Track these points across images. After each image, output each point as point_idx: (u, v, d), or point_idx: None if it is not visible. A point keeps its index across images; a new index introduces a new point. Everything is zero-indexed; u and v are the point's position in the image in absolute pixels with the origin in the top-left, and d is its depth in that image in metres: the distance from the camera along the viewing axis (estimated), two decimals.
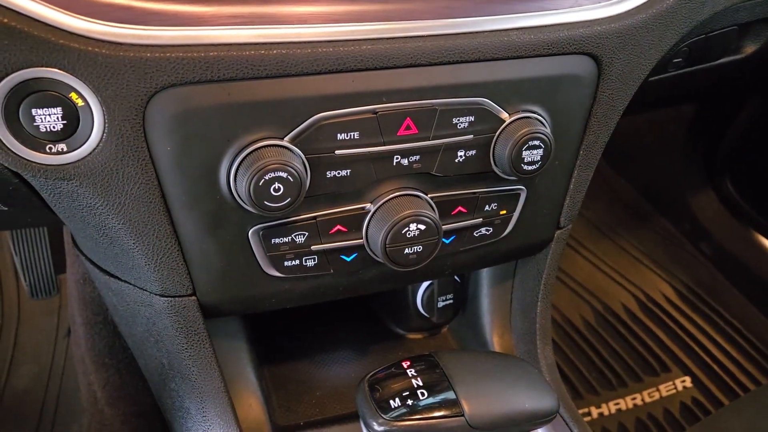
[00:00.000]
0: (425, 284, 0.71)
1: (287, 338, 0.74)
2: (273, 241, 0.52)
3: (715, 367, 1.31)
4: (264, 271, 0.53)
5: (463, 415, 0.45)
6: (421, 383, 0.46)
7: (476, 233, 0.59)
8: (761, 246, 1.43)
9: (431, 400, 0.45)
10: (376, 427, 0.45)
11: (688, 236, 1.55)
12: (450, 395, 0.46)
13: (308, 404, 0.66)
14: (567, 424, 0.64)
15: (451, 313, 0.73)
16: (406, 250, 0.53)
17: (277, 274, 0.54)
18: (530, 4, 0.53)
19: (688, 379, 1.29)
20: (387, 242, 0.52)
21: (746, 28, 0.77)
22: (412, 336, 0.76)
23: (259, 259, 0.52)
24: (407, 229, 0.52)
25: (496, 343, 0.71)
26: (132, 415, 0.72)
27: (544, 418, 0.48)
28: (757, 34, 0.78)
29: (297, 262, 0.54)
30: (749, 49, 0.79)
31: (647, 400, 1.25)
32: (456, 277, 0.72)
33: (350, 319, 0.77)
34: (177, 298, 0.53)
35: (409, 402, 0.45)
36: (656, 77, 0.75)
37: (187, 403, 0.59)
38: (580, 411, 1.23)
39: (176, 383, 0.60)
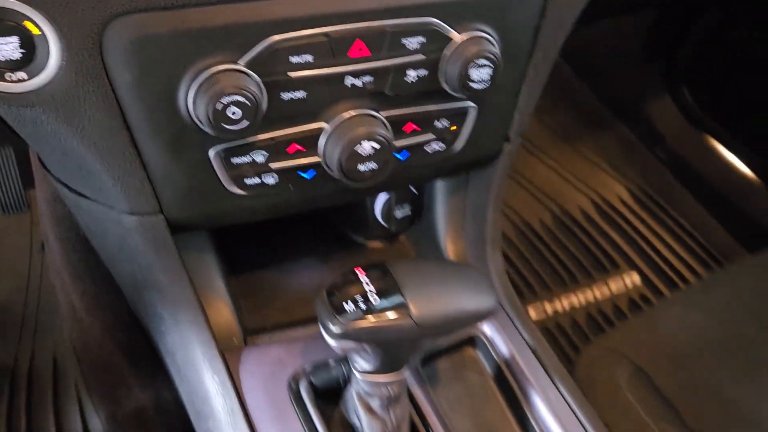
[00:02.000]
0: (383, 196, 0.74)
1: (255, 251, 0.78)
2: (233, 161, 0.54)
3: (662, 264, 1.40)
4: (227, 189, 0.56)
5: (410, 316, 0.50)
6: (373, 289, 0.51)
7: (429, 148, 0.62)
8: (714, 151, 1.49)
9: (382, 303, 0.50)
10: (332, 328, 0.50)
11: (644, 141, 1.61)
12: (399, 299, 0.51)
13: (275, 309, 0.71)
14: (513, 322, 0.70)
15: (408, 223, 0.77)
16: (361, 167, 0.56)
17: (239, 191, 0.57)
18: None
19: (636, 276, 1.38)
20: (342, 160, 0.55)
21: None
22: (372, 244, 0.80)
23: (221, 178, 0.55)
24: (361, 146, 0.55)
25: (449, 249, 0.76)
26: (111, 323, 0.76)
27: (483, 316, 0.54)
28: None
29: (257, 180, 0.57)
30: None
31: (598, 296, 1.35)
32: (412, 189, 0.76)
33: (314, 230, 0.81)
34: (145, 216, 0.56)
35: (362, 305, 0.50)
36: None
37: (160, 311, 0.64)
38: (534, 306, 1.32)
39: (149, 293, 0.64)
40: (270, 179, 0.57)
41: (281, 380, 0.61)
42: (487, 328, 0.69)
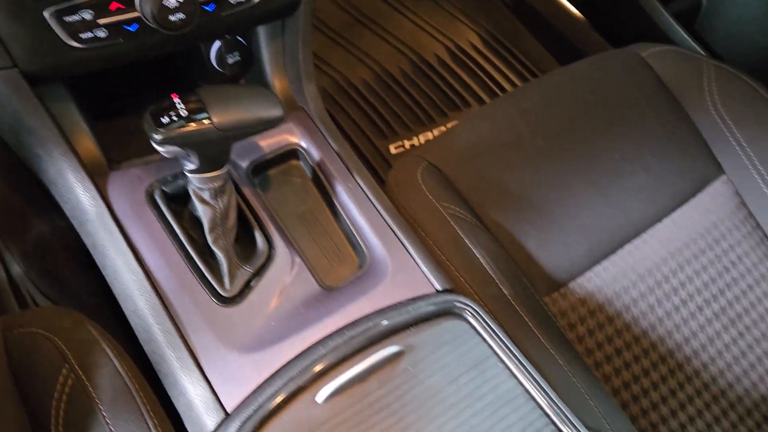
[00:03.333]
0: (215, 46, 0.90)
1: (115, 101, 0.94)
2: (65, 19, 0.69)
3: (501, 95, 1.62)
4: (66, 43, 0.71)
5: (212, 123, 0.69)
6: (184, 107, 0.69)
7: (232, 0, 0.78)
8: None
9: (190, 116, 0.69)
10: (155, 136, 0.68)
11: None
12: (204, 113, 0.69)
13: (136, 144, 0.88)
14: (325, 136, 0.89)
15: (241, 68, 0.93)
16: (171, 17, 0.71)
17: (78, 45, 0.72)
18: None
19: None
20: (155, 12, 0.70)
21: None
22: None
23: (58, 34, 0.70)
24: (168, 1, 0.70)
25: (276, 86, 0.93)
26: (2, 170, 0.92)
27: (271, 122, 0.74)
28: None
29: (91, 34, 0.72)
30: None
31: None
32: (241, 39, 0.92)
33: (165, 79, 0.97)
34: (3, 71, 0.71)
35: (175, 118, 0.68)
36: None
37: (37, 150, 0.80)
38: (395, 145, 1.53)
39: (24, 137, 0.80)
40: (101, 33, 0.72)
41: (140, 190, 0.80)
42: (304, 143, 0.88)
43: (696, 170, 1.10)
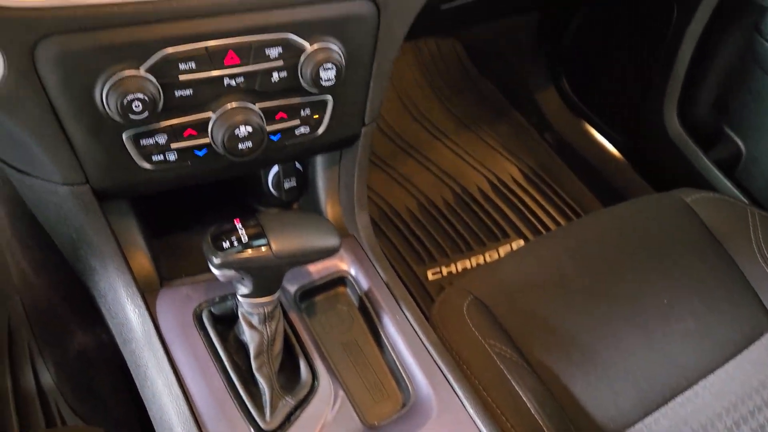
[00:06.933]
0: (273, 171, 0.93)
1: (173, 219, 0.96)
2: (141, 142, 0.72)
3: (543, 232, 1.62)
4: (137, 164, 0.74)
5: (271, 250, 0.70)
6: (244, 232, 0.70)
7: (297, 132, 0.81)
8: (589, 134, 1.73)
9: (250, 242, 0.70)
10: (214, 260, 0.69)
11: (535, 127, 1.84)
12: (263, 239, 0.70)
13: (189, 263, 0.90)
14: (373, 264, 0.90)
15: (296, 193, 0.96)
16: (240, 146, 0.74)
17: (148, 166, 0.75)
18: None
19: (522, 241, 1.61)
20: (225, 140, 0.73)
21: None
22: (270, 211, 0.99)
23: (132, 155, 0.73)
24: (239, 130, 0.73)
25: (329, 213, 0.95)
26: (55, 280, 0.93)
27: (327, 252, 0.74)
28: None
29: (162, 157, 0.75)
30: None
31: (488, 259, 1.57)
32: (298, 165, 0.95)
33: (223, 200, 1.00)
34: (75, 186, 0.74)
35: (236, 243, 0.69)
36: (448, 5, 0.97)
37: (93, 263, 0.82)
38: (433, 271, 1.53)
39: (83, 250, 0.82)
40: (171, 156, 0.75)
41: (188, 310, 0.80)
42: (353, 270, 0.89)
43: (746, 320, 1.07)
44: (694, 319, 1.05)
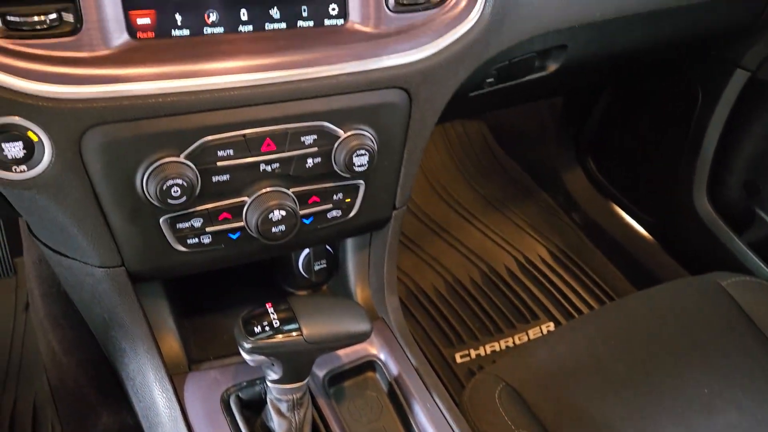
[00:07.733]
0: (304, 253, 0.94)
1: (203, 299, 0.96)
2: (177, 225, 0.74)
3: (573, 312, 1.59)
4: (173, 247, 0.75)
5: (302, 336, 0.69)
6: (276, 317, 0.70)
7: (329, 215, 0.82)
8: (617, 215, 1.72)
9: (281, 326, 0.69)
10: (245, 345, 0.69)
11: (562, 207, 1.84)
12: (295, 324, 0.70)
13: (217, 344, 0.89)
14: (403, 350, 0.88)
15: (326, 275, 0.96)
16: (274, 229, 0.75)
17: (183, 249, 0.76)
18: (359, 52, 0.74)
19: (552, 324, 1.58)
20: (259, 224, 0.74)
21: (544, 53, 1.01)
22: (299, 293, 0.99)
23: (168, 239, 0.74)
24: (273, 214, 0.74)
25: (359, 295, 0.95)
26: (84, 360, 0.93)
27: (358, 338, 0.73)
28: (556, 57, 1.03)
29: (196, 240, 0.76)
30: (552, 67, 1.04)
31: (517, 342, 1.53)
32: (328, 247, 0.96)
33: (252, 281, 1.00)
34: (111, 269, 0.75)
35: (267, 328, 0.69)
36: (476, 92, 0.99)
37: (123, 345, 0.82)
38: (461, 353, 1.50)
39: (115, 331, 0.82)
40: (206, 239, 0.76)
41: (216, 395, 0.79)
42: (382, 354, 0.87)
43: None
44: (738, 412, 1.00)
